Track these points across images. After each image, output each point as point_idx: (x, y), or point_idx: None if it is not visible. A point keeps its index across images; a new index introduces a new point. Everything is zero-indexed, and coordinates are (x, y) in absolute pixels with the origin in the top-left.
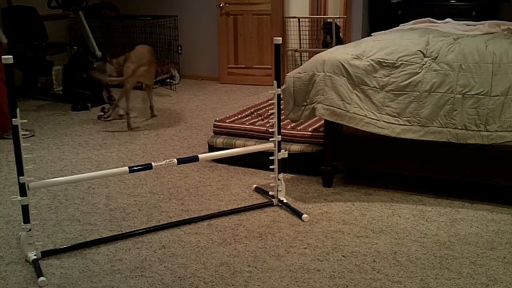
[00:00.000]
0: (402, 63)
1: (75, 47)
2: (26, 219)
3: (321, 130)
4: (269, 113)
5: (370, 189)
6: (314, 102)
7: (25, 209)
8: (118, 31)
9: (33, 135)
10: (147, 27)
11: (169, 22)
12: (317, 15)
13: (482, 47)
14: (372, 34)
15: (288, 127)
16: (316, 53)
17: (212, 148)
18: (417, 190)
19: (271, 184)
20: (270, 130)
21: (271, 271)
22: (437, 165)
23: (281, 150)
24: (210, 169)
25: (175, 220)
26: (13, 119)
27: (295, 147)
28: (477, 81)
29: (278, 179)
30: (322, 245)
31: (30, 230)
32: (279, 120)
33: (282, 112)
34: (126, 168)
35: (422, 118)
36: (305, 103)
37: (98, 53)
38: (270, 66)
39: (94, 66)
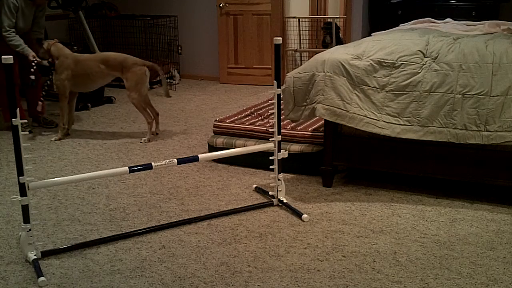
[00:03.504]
0: (402, 63)
1: (75, 47)
2: (26, 219)
3: (321, 130)
4: (269, 113)
5: (370, 189)
6: (314, 102)
7: (25, 209)
8: (118, 31)
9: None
10: (147, 27)
11: (169, 22)
12: (317, 15)
13: (482, 47)
14: (372, 34)
15: (288, 127)
16: (316, 53)
17: (212, 148)
18: (417, 190)
19: (271, 184)
20: (270, 130)
21: (271, 271)
22: (437, 165)
23: (281, 150)
24: (210, 169)
25: (175, 220)
26: (13, 119)
27: (295, 147)
28: (477, 81)
29: (278, 179)
30: (322, 245)
31: (30, 230)
32: (279, 120)
33: (282, 112)
34: (126, 168)
35: (422, 118)
36: (305, 103)
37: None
38: (270, 66)
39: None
